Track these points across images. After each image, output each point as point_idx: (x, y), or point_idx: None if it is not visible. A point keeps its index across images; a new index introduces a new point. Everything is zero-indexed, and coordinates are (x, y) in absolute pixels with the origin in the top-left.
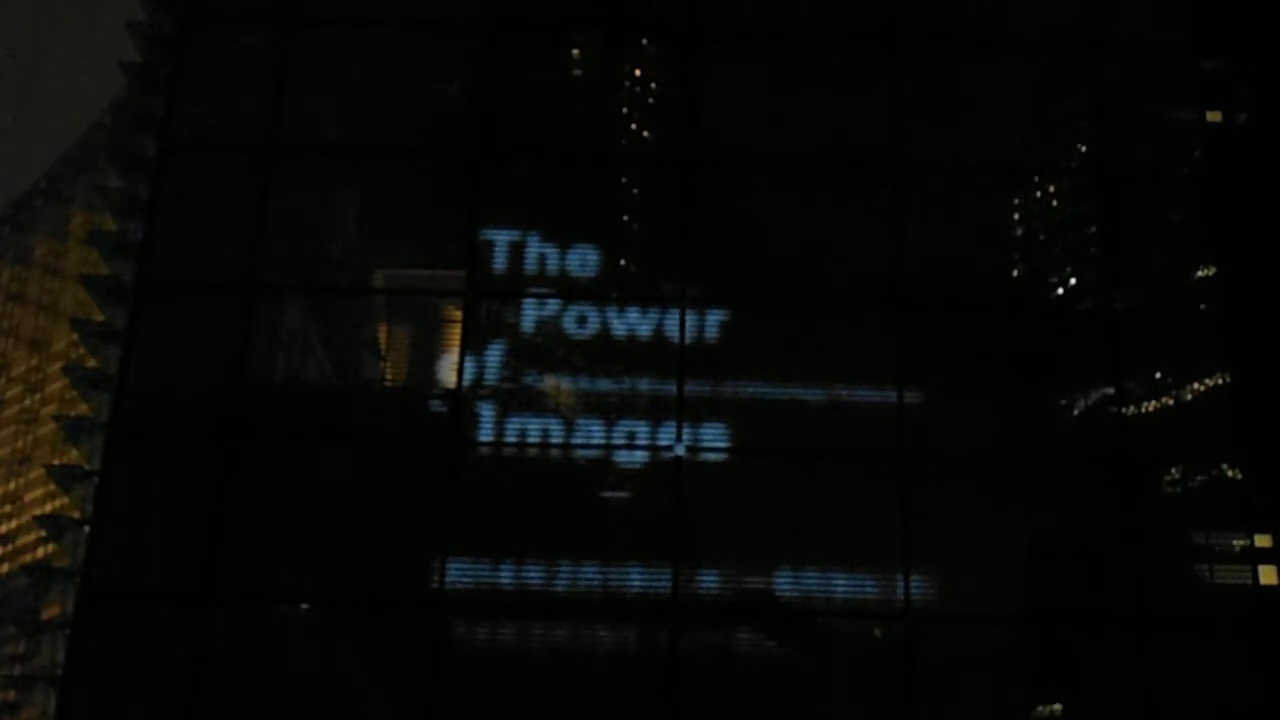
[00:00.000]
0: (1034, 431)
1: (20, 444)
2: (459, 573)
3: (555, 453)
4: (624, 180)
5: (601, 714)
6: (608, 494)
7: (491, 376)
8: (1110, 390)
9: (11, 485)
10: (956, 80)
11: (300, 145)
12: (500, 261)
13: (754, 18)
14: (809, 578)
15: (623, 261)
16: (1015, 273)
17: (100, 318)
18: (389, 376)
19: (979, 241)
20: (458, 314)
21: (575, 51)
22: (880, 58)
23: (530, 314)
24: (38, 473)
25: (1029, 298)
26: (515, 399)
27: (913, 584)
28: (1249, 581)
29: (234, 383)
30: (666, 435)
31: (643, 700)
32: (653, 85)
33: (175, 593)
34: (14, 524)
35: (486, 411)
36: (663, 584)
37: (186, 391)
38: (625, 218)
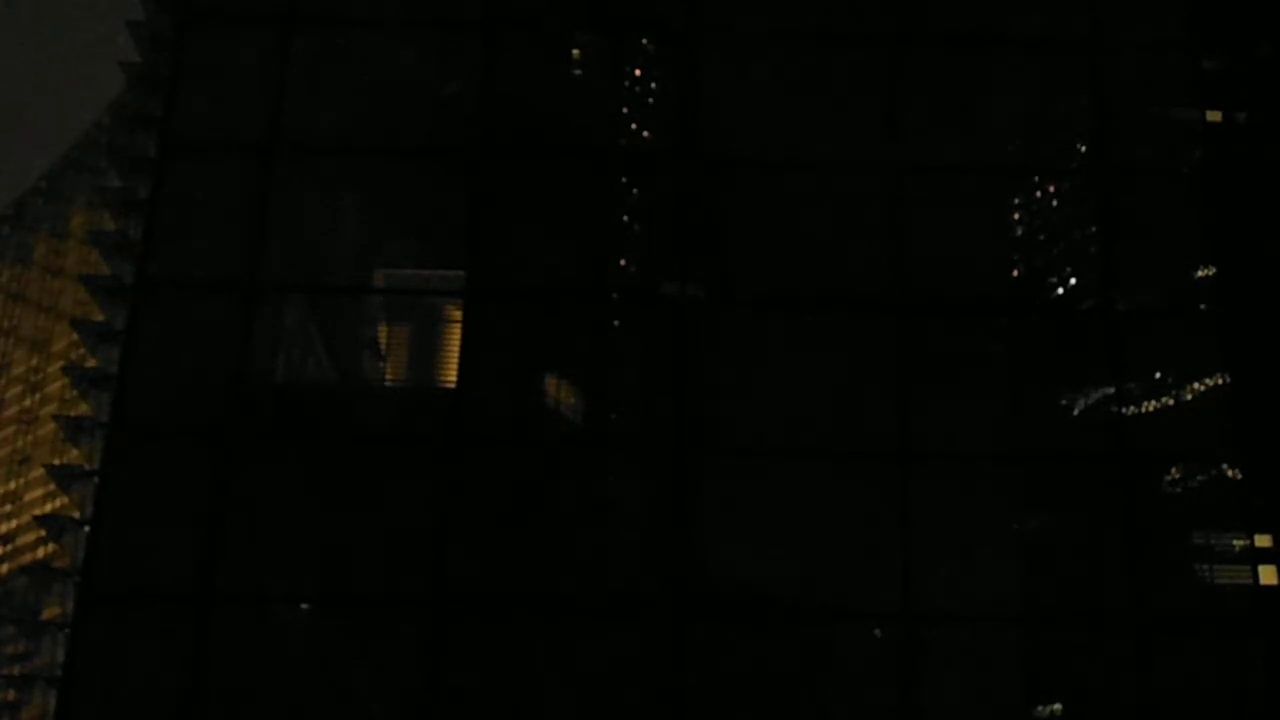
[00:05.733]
0: (1034, 431)
1: (20, 444)
2: (459, 572)
3: (555, 453)
4: (624, 180)
5: (602, 713)
6: (608, 494)
7: (491, 376)
8: (1110, 390)
9: (11, 485)
10: (957, 80)
11: (300, 145)
12: (500, 261)
13: (754, 18)
14: (810, 577)
15: (623, 261)
16: (1015, 273)
17: (100, 318)
18: (389, 376)
19: (979, 241)
20: (458, 314)
21: (575, 51)
22: (880, 58)
23: (529, 313)
24: (38, 473)
25: (1029, 298)
26: (515, 399)
27: (912, 584)
28: (1249, 581)
29: (234, 382)
30: (667, 435)
31: (642, 699)
32: (653, 85)
33: (175, 593)
34: (14, 524)
35: (486, 411)
36: (663, 584)
37: (186, 391)
38: (625, 217)
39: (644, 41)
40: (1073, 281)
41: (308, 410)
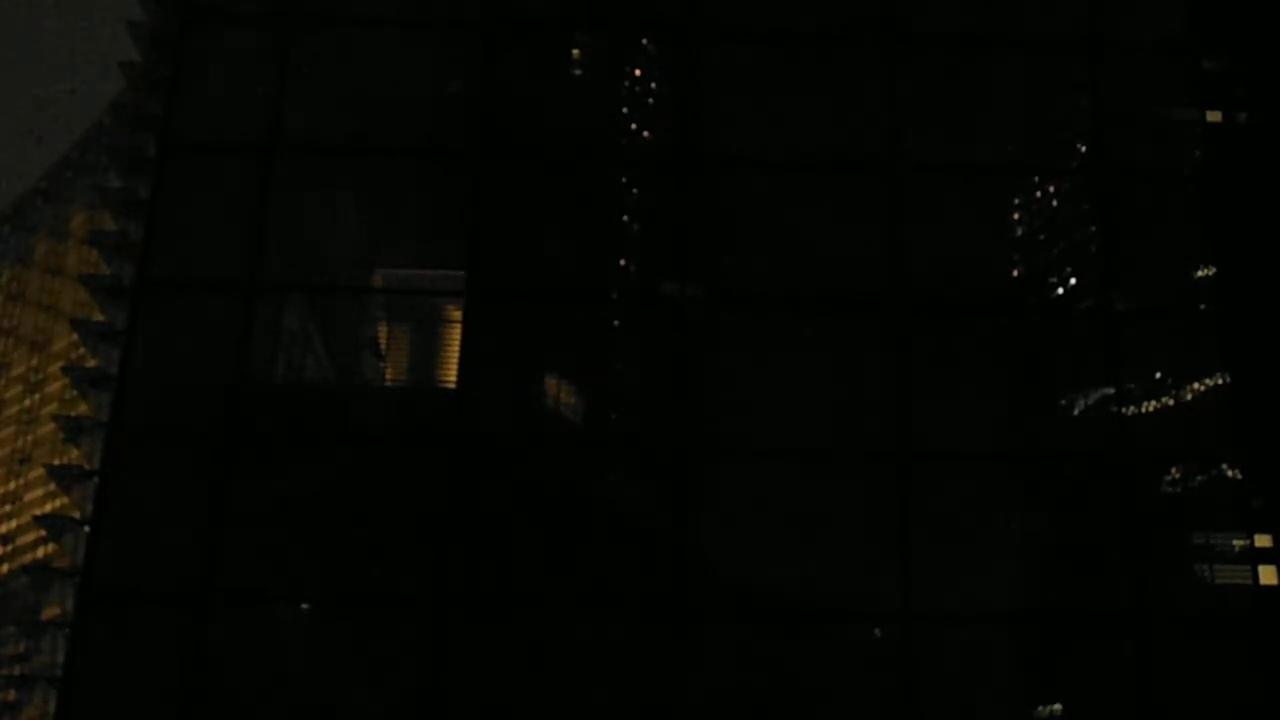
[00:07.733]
0: (1034, 431)
1: (20, 444)
2: (459, 572)
3: (555, 452)
4: (624, 180)
5: (602, 713)
6: (608, 494)
7: (491, 376)
8: (1110, 390)
9: (11, 485)
10: (956, 80)
11: (300, 145)
12: (500, 261)
13: (753, 18)
14: (810, 577)
15: (623, 261)
16: (1015, 273)
17: (100, 318)
18: (389, 376)
19: (979, 241)
20: (458, 314)
21: (575, 51)
22: (880, 57)
23: (529, 313)
24: (38, 473)
25: (1029, 298)
26: (515, 399)
27: (913, 584)
28: (1249, 581)
29: (234, 382)
30: (667, 434)
31: (642, 699)
32: (653, 85)
33: (175, 593)
34: (14, 524)
35: (486, 411)
36: (663, 583)
37: (186, 391)
38: (625, 217)
39: (644, 41)
40: (1073, 281)
41: (307, 410)
